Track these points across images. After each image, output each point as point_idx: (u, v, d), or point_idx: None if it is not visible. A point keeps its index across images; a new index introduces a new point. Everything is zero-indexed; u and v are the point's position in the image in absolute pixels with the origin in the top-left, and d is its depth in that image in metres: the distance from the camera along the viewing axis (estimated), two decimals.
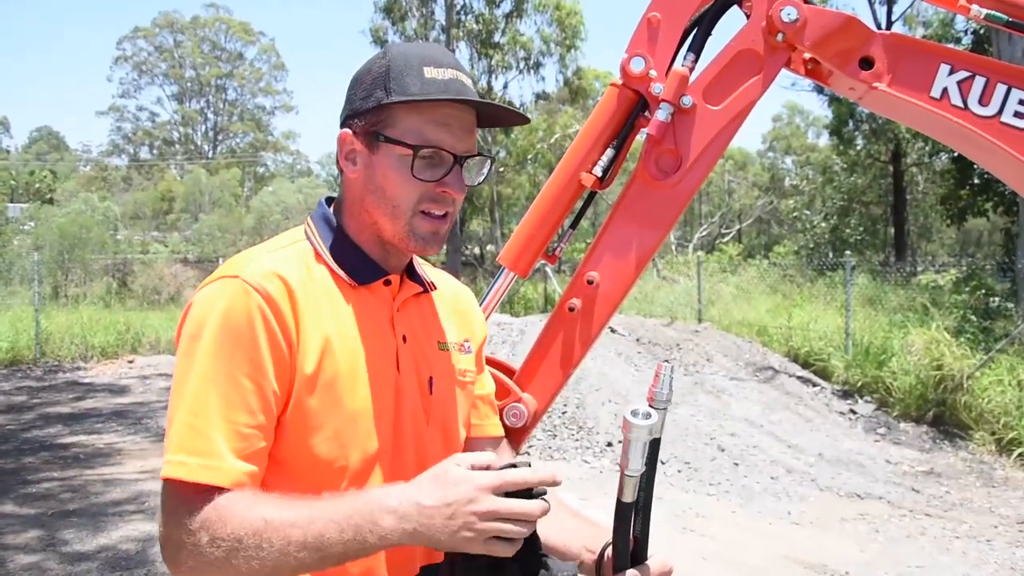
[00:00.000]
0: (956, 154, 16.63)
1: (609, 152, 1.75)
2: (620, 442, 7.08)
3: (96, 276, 24.09)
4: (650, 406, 1.30)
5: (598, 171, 1.74)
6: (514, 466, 1.19)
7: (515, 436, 1.77)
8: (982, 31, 15.41)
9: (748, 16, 1.72)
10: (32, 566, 5.47)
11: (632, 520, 1.36)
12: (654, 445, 1.30)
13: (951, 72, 1.61)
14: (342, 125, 1.42)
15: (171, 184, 51.76)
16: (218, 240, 34.79)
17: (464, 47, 22.75)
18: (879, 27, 20.73)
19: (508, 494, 1.16)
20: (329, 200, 1.50)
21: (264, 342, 1.25)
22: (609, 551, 1.43)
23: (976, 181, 17.26)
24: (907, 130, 18.88)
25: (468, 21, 22.17)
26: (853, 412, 9.60)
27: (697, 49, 1.75)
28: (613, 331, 11.10)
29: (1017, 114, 1.59)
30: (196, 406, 1.22)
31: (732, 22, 1.76)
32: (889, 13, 22.13)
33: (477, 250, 32.93)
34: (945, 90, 1.61)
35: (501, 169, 28.63)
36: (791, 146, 43.56)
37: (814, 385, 10.54)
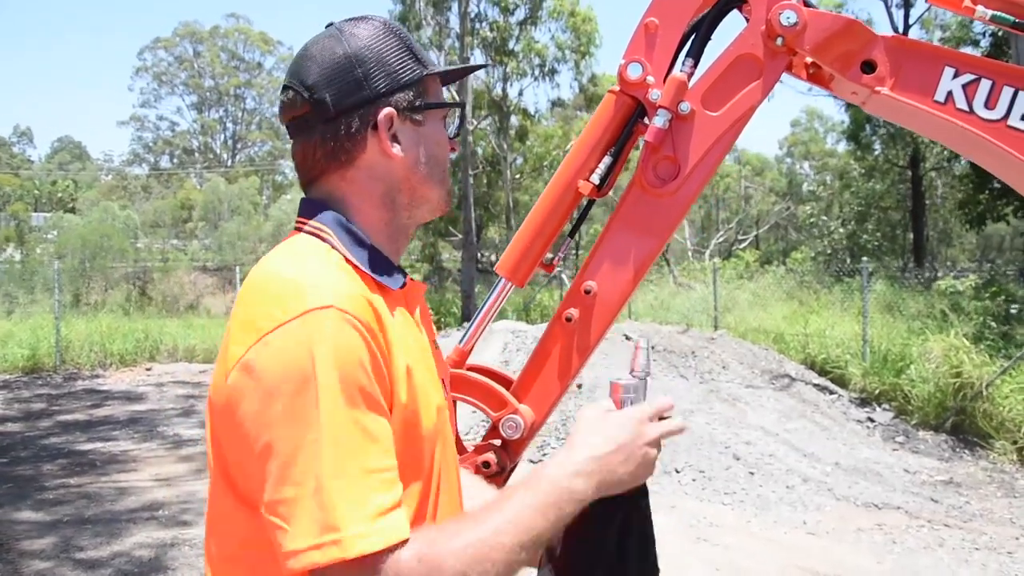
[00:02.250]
0: None
1: (607, 159, 1.72)
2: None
3: (116, 284, 24.33)
4: (632, 374, 1.43)
5: (595, 179, 1.71)
6: None
7: (513, 448, 1.74)
8: (1000, 33, 15.24)
9: (748, 20, 1.69)
10: (47, 571, 5.50)
11: None
12: None
13: (956, 75, 1.57)
14: (364, 107, 1.26)
15: (190, 193, 52.25)
16: (237, 248, 35.07)
17: (479, 54, 22.81)
18: (896, 31, 20.61)
19: None
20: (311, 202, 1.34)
21: (374, 376, 1.11)
22: None
23: (996, 185, 17.05)
24: None
25: (483, 29, 22.21)
26: (871, 420, 9.49)
27: (696, 54, 1.72)
28: (628, 338, 11.04)
29: None
30: (341, 470, 1.04)
31: (732, 27, 1.73)
32: (906, 17, 21.99)
33: (493, 257, 32.95)
34: (950, 93, 1.57)
35: (518, 176, 28.62)
36: (809, 151, 43.31)
37: (831, 393, 10.44)
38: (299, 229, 1.30)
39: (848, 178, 25.80)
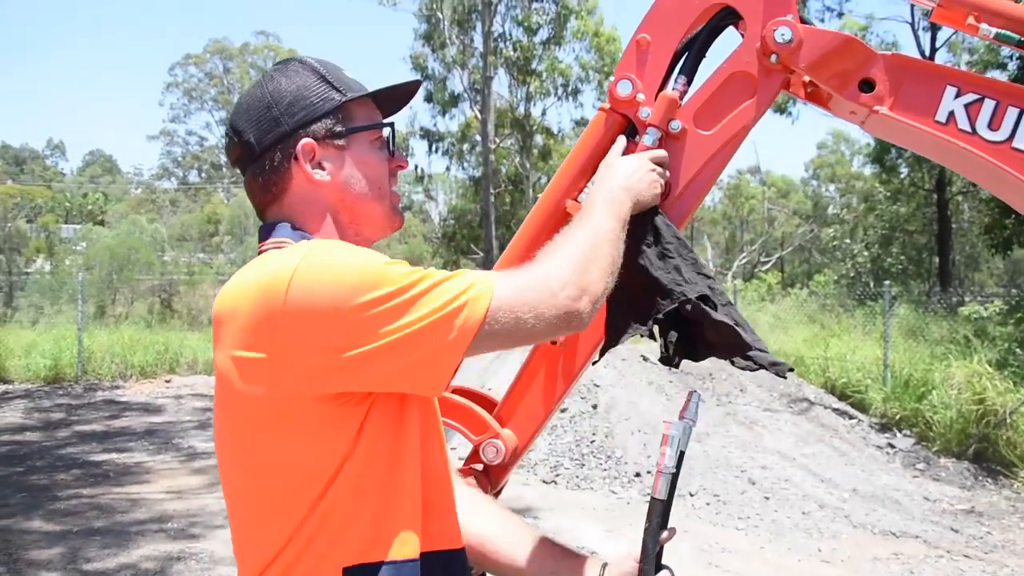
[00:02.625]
0: None
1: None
2: (649, 472, 6.91)
3: (143, 296, 24.51)
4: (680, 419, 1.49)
5: (583, 198, 1.67)
6: None
7: (494, 473, 1.69)
8: None
9: (743, 37, 1.64)
10: None
11: (662, 519, 1.43)
12: (679, 459, 1.45)
13: (958, 95, 1.52)
14: (283, 141, 1.35)
15: (217, 207, 52.72)
16: None
17: (503, 74, 22.89)
18: (923, 55, 20.40)
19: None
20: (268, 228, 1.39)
21: None
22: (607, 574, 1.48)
23: None
24: None
25: (506, 49, 22.29)
26: (891, 446, 9.31)
27: (689, 72, 1.67)
28: (645, 359, 10.93)
29: None
30: (433, 283, 1.20)
31: (727, 44, 1.69)
32: (933, 40, 21.80)
33: None
34: (951, 114, 1.52)
35: (540, 195, 28.53)
36: (835, 174, 42.91)
37: (851, 418, 10.26)
38: (260, 253, 1.36)
39: (873, 201, 25.53)
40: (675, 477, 1.45)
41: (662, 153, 1.58)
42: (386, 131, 1.46)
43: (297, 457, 1.21)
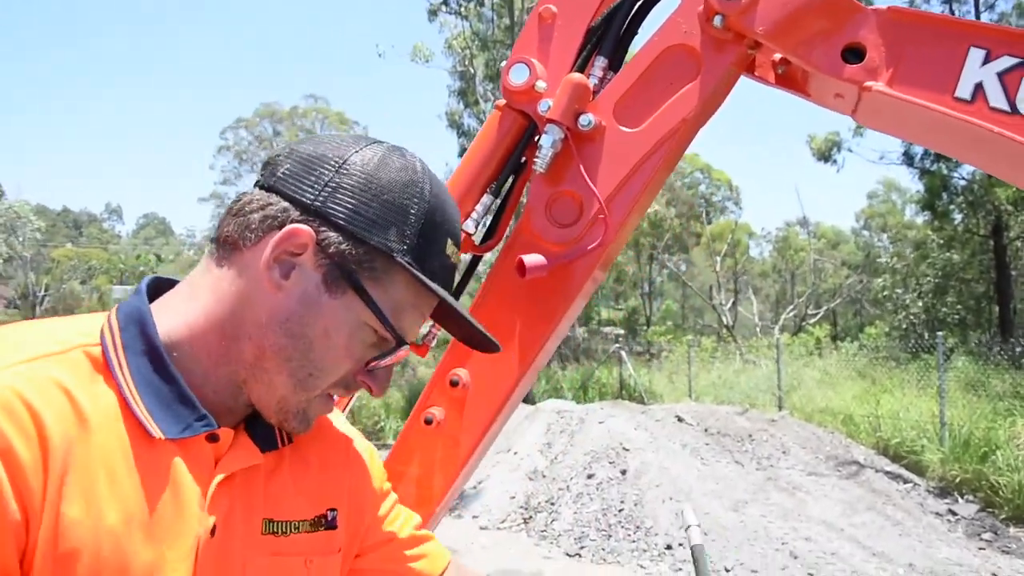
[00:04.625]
0: None
1: (486, 199, 1.24)
2: (681, 544, 6.28)
3: None
4: None
5: (470, 226, 1.22)
6: None
7: None
8: None
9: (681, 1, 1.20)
10: None
11: None
12: None
13: (987, 60, 1.05)
14: (294, 204, 0.92)
15: None
16: None
17: None
18: None
19: None
20: (157, 285, 0.98)
21: None
22: None
23: None
24: (1008, 199, 17.50)
25: None
26: (952, 513, 8.51)
27: (612, 53, 1.23)
28: (680, 420, 10.31)
29: None
30: None
31: (662, 15, 1.25)
32: None
33: None
34: (979, 87, 1.05)
35: None
36: (887, 224, 41.86)
37: (905, 481, 9.46)
38: None
39: (925, 249, 24.58)
40: None
41: None
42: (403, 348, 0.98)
43: None
